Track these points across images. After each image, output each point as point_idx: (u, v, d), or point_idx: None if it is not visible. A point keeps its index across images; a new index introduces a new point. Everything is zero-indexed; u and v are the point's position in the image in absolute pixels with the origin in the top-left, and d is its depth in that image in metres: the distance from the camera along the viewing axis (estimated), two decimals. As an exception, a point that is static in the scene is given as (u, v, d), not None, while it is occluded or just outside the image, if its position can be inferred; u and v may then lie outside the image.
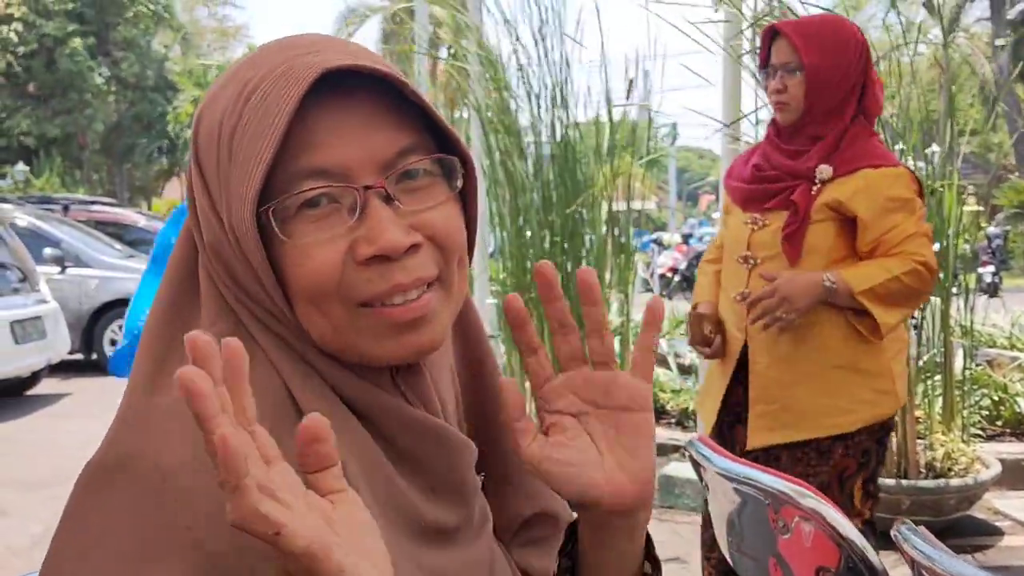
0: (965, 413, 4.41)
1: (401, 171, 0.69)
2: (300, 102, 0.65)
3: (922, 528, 1.29)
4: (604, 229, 4.66)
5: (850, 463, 2.29)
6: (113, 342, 9.12)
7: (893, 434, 3.93)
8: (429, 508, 0.73)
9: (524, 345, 0.72)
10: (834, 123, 2.28)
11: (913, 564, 1.26)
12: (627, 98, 4.67)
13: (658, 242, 19.75)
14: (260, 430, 0.54)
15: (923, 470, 3.96)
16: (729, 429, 2.44)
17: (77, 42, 23.38)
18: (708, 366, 2.59)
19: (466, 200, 0.75)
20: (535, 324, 0.72)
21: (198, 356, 0.51)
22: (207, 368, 0.51)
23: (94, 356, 9.18)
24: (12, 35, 21.34)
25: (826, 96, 2.26)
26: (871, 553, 1.35)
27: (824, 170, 2.26)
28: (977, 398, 4.89)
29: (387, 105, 0.69)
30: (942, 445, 4.07)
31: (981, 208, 5.92)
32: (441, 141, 0.73)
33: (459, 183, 0.73)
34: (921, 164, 4.13)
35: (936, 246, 4.02)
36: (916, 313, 4.08)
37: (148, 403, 0.68)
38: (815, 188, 2.27)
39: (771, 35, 2.35)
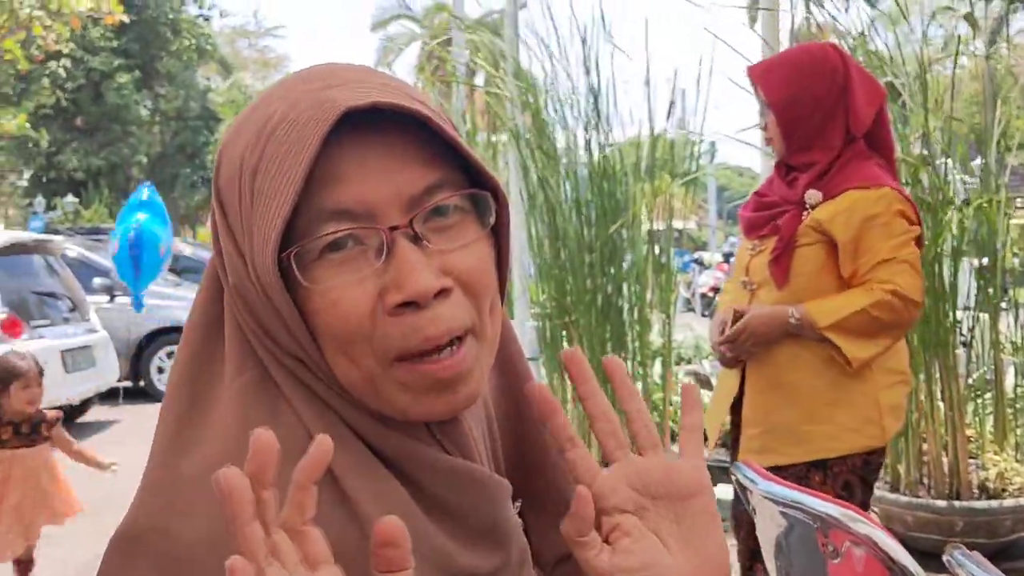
0: (1018, 432, 4.30)
1: (430, 208, 0.66)
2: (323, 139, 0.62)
3: (975, 553, 1.26)
4: (644, 249, 4.64)
5: (827, 493, 2.20)
6: (161, 370, 9.29)
7: (943, 455, 3.86)
8: (464, 555, 0.70)
9: (559, 439, 0.66)
10: (822, 149, 2.27)
11: (967, 590, 1.23)
12: (668, 119, 4.67)
13: (699, 262, 19.66)
14: (313, 532, 0.55)
15: (976, 491, 3.87)
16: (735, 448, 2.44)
17: (125, 77, 23.91)
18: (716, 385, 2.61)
19: (499, 235, 0.72)
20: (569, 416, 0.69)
21: (258, 454, 0.53)
22: (264, 470, 0.53)
23: (142, 383, 9.33)
24: (61, 71, 21.87)
25: (799, 127, 2.26)
26: (924, 578, 1.32)
27: (813, 195, 2.25)
28: (1030, 416, 4.77)
29: (415, 139, 0.66)
30: (995, 465, 3.98)
31: (1030, 221, 5.80)
32: (472, 175, 0.70)
33: (491, 219, 0.69)
34: (967, 177, 4.07)
35: (985, 260, 3.97)
36: (964, 330, 4.01)
37: (170, 472, 0.66)
38: (805, 213, 2.26)
39: None
